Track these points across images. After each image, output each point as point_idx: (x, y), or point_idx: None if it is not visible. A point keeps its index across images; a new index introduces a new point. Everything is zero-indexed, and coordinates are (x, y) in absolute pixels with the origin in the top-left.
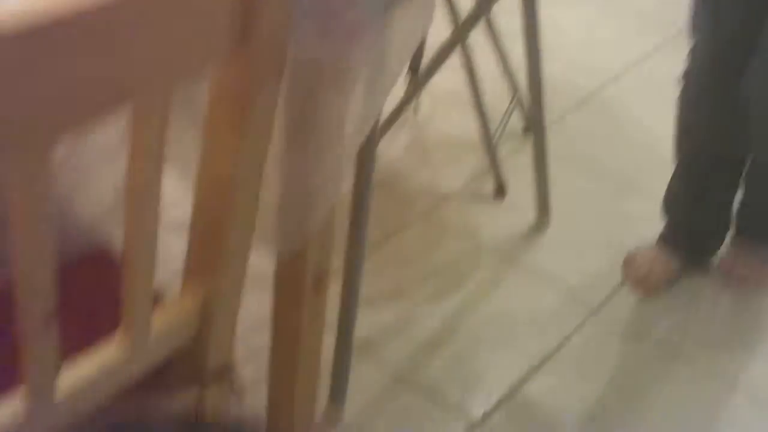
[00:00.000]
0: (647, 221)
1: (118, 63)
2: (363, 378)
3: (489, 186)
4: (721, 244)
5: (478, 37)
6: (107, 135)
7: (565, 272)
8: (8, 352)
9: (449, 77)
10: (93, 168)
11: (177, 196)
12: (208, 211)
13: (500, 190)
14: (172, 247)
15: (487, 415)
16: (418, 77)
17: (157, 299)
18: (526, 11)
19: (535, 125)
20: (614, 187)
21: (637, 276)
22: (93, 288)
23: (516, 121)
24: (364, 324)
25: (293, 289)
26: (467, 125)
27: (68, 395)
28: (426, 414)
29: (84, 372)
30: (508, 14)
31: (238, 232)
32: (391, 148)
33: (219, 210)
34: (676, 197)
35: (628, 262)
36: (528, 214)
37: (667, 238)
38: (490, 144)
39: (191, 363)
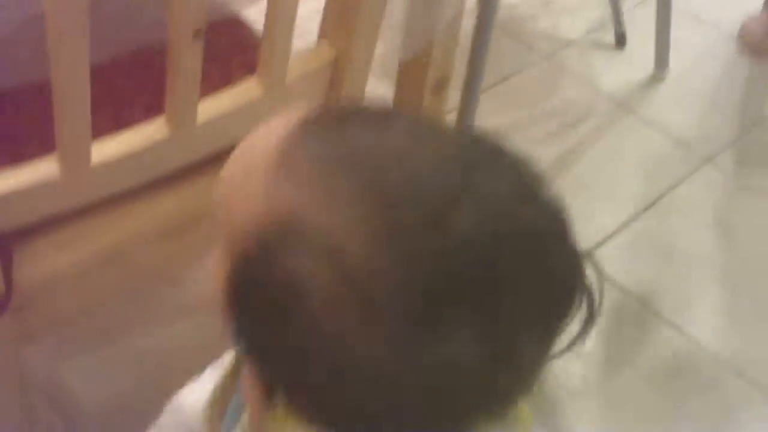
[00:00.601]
0: None
1: None
2: None
3: (609, 36)
4: None
5: None
6: None
7: (679, 124)
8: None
9: None
10: None
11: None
12: None
13: (620, 41)
14: None
15: (592, 250)
16: None
17: None
18: None
19: None
20: (738, 50)
21: (752, 41)
22: (227, 46)
23: None
24: None
25: (414, 89)
26: None
27: (207, 122)
28: None
29: (221, 104)
30: None
31: None
32: None
33: None
34: None
35: (744, 29)
36: (647, 66)
37: None
38: None
39: None
